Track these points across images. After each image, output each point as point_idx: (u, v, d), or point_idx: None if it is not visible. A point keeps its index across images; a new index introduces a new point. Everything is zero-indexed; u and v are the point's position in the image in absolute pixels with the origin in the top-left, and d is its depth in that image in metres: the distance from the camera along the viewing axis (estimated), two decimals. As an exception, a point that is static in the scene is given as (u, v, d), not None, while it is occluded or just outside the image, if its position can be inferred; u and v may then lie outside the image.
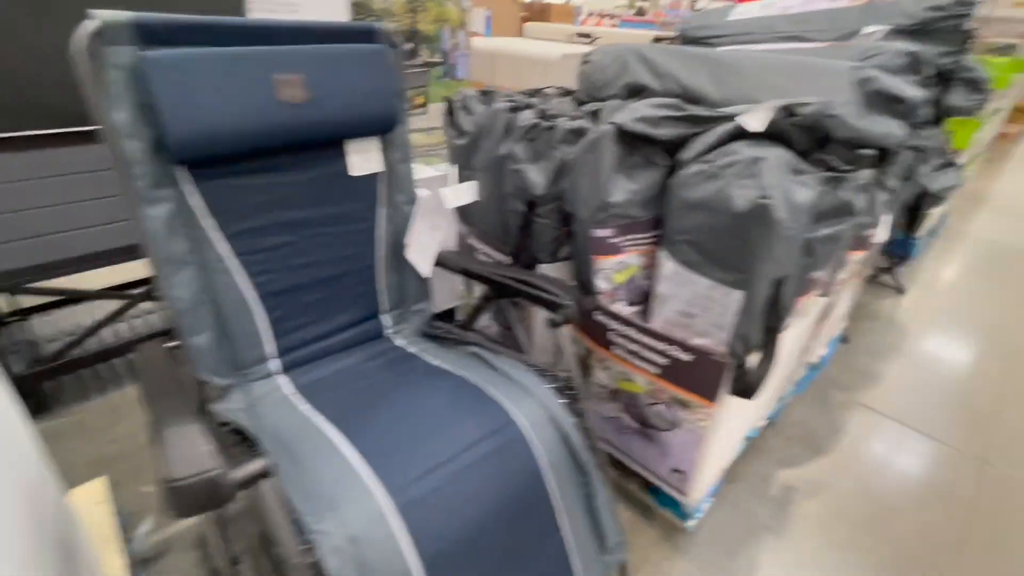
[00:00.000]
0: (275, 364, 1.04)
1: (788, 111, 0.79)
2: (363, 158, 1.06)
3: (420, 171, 1.55)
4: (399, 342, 1.16)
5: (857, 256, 1.11)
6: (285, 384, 1.01)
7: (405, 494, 0.75)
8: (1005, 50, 2.29)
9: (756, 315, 0.84)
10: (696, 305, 0.89)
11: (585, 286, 1.07)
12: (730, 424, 1.06)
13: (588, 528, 0.94)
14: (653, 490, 1.21)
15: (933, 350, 2.00)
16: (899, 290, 2.40)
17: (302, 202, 1.00)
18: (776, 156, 0.76)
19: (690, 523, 1.19)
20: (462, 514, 0.78)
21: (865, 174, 0.84)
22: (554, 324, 0.96)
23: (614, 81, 1.23)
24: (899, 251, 2.73)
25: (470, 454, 0.83)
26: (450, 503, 0.77)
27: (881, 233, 1.13)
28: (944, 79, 1.31)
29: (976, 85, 1.38)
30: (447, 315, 1.74)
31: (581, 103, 1.27)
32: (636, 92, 1.19)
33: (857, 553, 1.20)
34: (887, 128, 0.87)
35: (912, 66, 1.17)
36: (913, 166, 1.27)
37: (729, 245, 0.80)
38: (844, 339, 1.97)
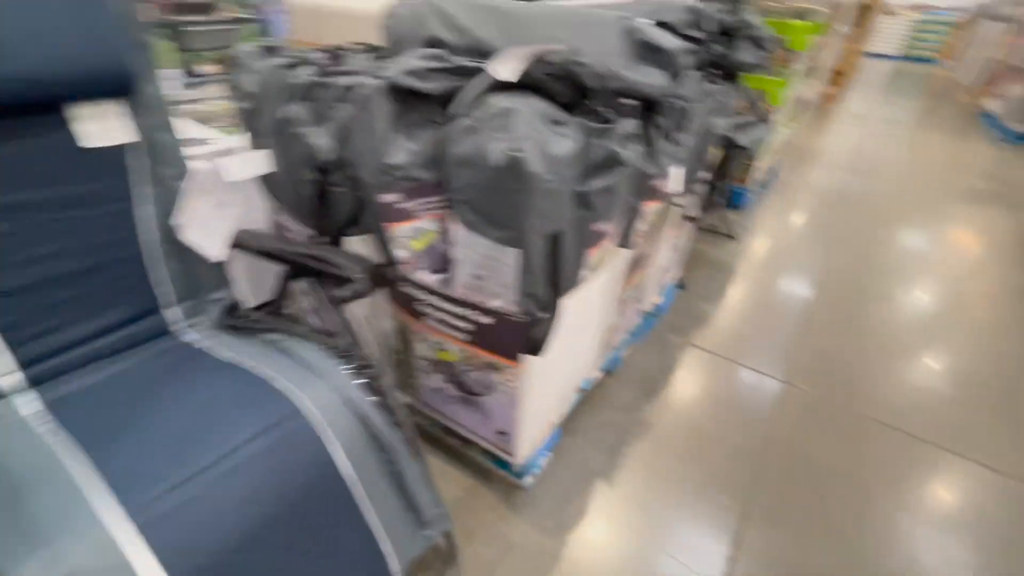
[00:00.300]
0: (11, 380, 0.86)
1: (543, 60, 0.78)
2: (101, 126, 0.89)
3: (220, 142, 1.38)
4: (189, 337, 1.02)
5: (652, 207, 1.16)
6: (26, 403, 0.85)
7: (147, 513, 0.65)
8: (803, 14, 2.54)
9: (537, 272, 0.84)
10: (484, 267, 0.87)
11: (388, 256, 1.01)
12: (545, 382, 1.07)
13: (400, 507, 0.91)
14: (491, 453, 1.21)
15: (759, 291, 2.24)
16: (732, 237, 2.65)
17: (12, 183, 0.82)
18: (530, 107, 0.74)
19: (527, 480, 1.22)
20: (227, 522, 0.70)
21: (630, 124, 0.86)
22: (340, 300, 0.89)
23: (412, 36, 1.15)
24: (733, 201, 3.01)
25: (241, 453, 0.75)
26: (210, 513, 0.69)
27: (674, 184, 1.19)
28: (730, 36, 1.40)
29: (759, 42, 1.49)
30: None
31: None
32: (434, 47, 1.12)
33: (675, 483, 1.32)
34: (650, 77, 0.89)
35: (694, 21, 1.22)
36: (705, 119, 1.35)
37: (496, 202, 0.78)
38: (681, 286, 2.13)
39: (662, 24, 1.25)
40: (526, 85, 0.79)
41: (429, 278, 0.98)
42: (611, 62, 0.90)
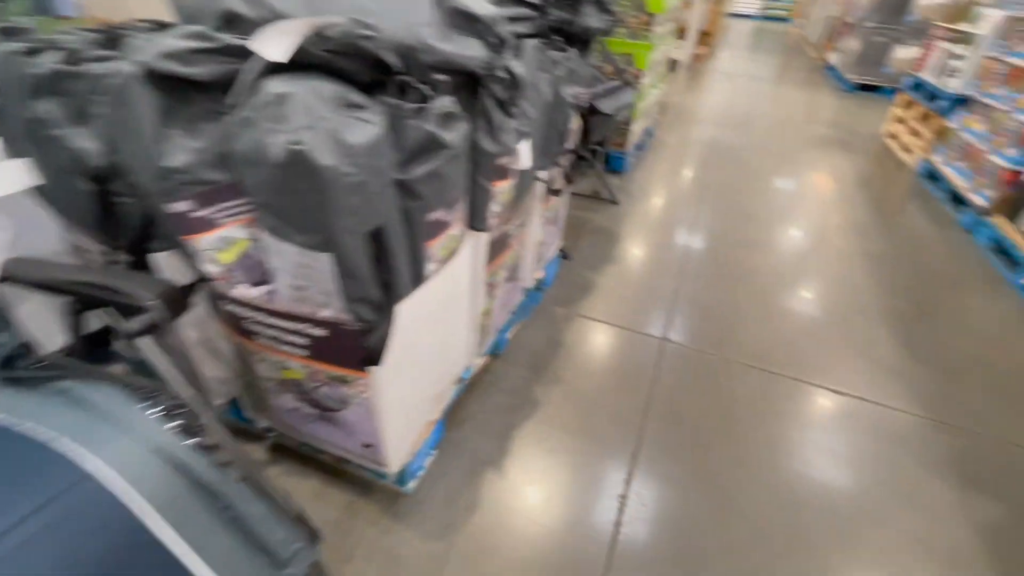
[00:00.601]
0: None
1: (321, 35, 0.68)
2: None
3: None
4: (-48, 399, 0.82)
5: (504, 185, 1.11)
6: None
7: None
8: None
9: (362, 275, 0.76)
10: (300, 276, 0.77)
11: (198, 272, 0.87)
12: (405, 385, 1.01)
13: (245, 555, 0.81)
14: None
15: (641, 252, 2.32)
16: (614, 202, 2.71)
17: None
18: (312, 90, 0.65)
19: (410, 485, 1.16)
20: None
21: (448, 101, 0.79)
22: (132, 334, 0.76)
23: (207, 9, 0.98)
24: (612, 166, 3.08)
25: (13, 538, 0.61)
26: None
27: (524, 159, 1.15)
28: (574, 2, 1.36)
29: (603, 6, 1.47)
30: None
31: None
32: (231, 22, 0.96)
33: (565, 455, 1.33)
34: (467, 49, 0.82)
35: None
36: (554, 89, 1.32)
37: (292, 203, 0.68)
38: (565, 255, 2.15)
39: (496, -11, 1.18)
40: (314, 65, 0.69)
41: (250, 292, 0.86)
42: (423, 33, 0.82)
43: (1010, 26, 2.77)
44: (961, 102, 3.08)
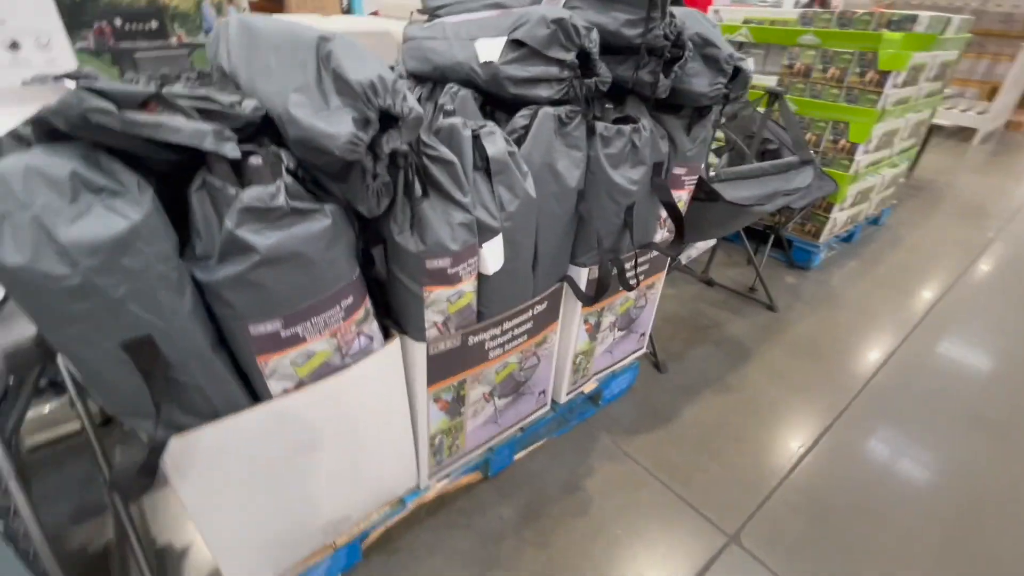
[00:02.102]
0: None
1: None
2: None
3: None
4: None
5: (443, 292, 0.83)
6: None
7: None
8: (901, 23, 1.87)
9: (125, 388, 0.60)
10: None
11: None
12: (257, 507, 0.82)
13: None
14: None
15: (768, 395, 1.67)
16: (770, 307, 2.05)
17: None
18: (35, 166, 0.51)
19: None
20: None
21: (278, 186, 0.59)
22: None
23: (214, 62, 0.98)
24: (794, 259, 2.37)
25: None
26: None
27: (488, 262, 0.85)
28: (655, 53, 1.00)
29: (718, 65, 1.06)
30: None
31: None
32: (223, 75, 0.94)
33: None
34: (333, 128, 0.60)
35: (558, 35, 0.88)
36: (587, 170, 0.97)
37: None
38: (657, 366, 1.67)
39: (516, 43, 0.92)
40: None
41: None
42: (293, 100, 0.64)
43: None
44: None
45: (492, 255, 0.84)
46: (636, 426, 1.49)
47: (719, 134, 1.96)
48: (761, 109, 1.79)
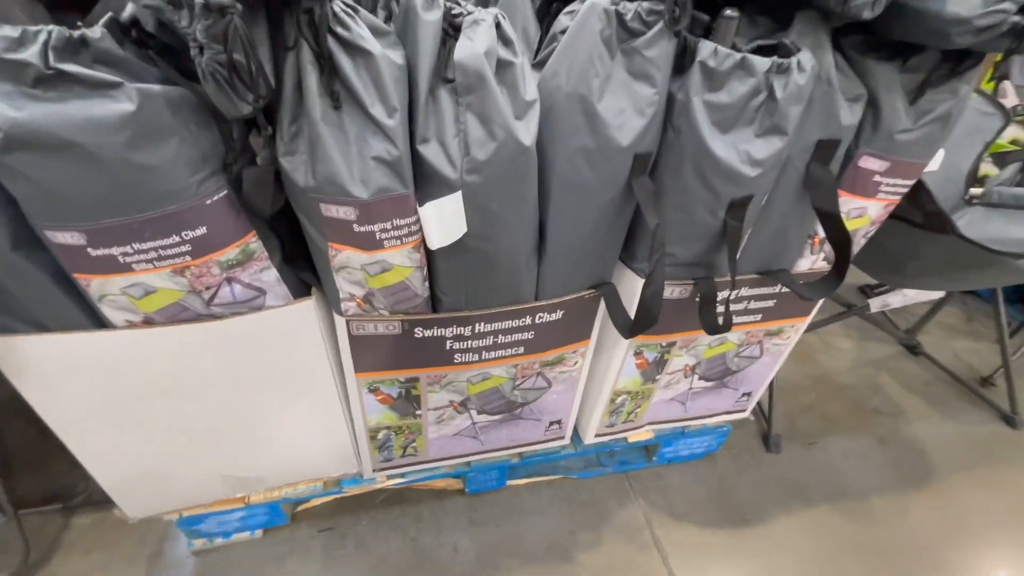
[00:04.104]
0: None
1: None
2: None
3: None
4: None
5: (354, 254, 0.55)
6: None
7: None
8: None
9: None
10: None
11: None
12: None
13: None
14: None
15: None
16: (1010, 421, 1.29)
17: None
18: None
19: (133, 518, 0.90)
20: None
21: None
22: None
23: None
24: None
25: None
26: None
27: (435, 233, 0.53)
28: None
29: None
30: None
31: None
32: None
33: None
34: None
35: None
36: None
37: None
38: (767, 443, 1.16)
39: None
40: None
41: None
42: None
43: None
44: None
45: (439, 221, 0.54)
46: (690, 509, 1.06)
47: (1015, 132, 1.22)
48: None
